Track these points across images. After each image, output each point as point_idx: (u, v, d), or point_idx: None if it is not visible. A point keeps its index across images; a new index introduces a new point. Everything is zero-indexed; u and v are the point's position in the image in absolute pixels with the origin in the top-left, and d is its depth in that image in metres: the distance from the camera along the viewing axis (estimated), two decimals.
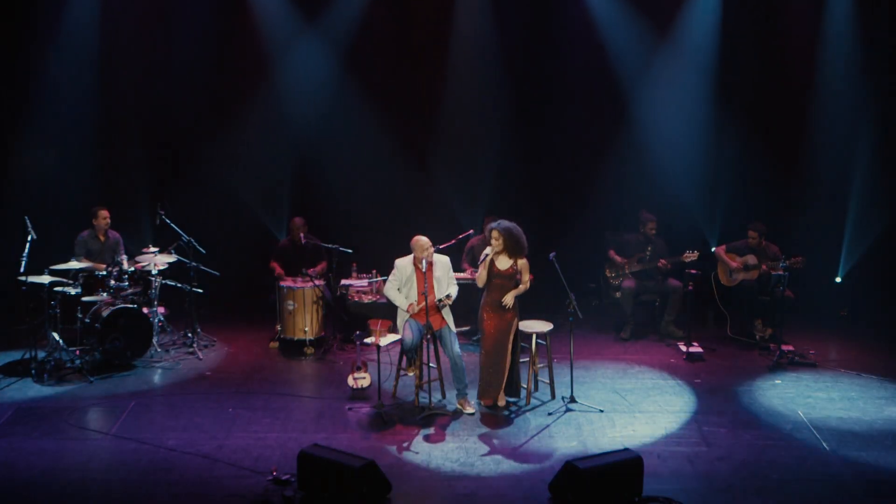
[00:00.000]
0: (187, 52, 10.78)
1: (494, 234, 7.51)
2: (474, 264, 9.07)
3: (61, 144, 10.84)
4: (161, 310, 9.50)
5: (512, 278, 7.57)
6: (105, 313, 8.52)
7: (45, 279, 8.42)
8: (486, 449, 6.91)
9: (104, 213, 9.32)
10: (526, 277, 7.64)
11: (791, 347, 9.09)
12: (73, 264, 8.78)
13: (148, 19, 10.76)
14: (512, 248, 7.51)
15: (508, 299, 7.50)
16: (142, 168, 11.01)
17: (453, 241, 9.05)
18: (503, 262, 7.55)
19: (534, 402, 7.84)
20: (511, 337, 7.63)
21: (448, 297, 7.61)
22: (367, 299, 9.52)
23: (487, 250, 7.51)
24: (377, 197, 11.26)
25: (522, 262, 7.58)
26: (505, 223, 7.58)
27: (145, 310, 8.97)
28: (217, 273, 9.67)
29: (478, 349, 8.00)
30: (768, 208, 10.69)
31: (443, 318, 7.68)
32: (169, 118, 11.05)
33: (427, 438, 7.12)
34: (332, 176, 11.19)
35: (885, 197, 10.66)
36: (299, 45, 10.98)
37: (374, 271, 9.70)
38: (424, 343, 7.77)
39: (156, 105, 11.02)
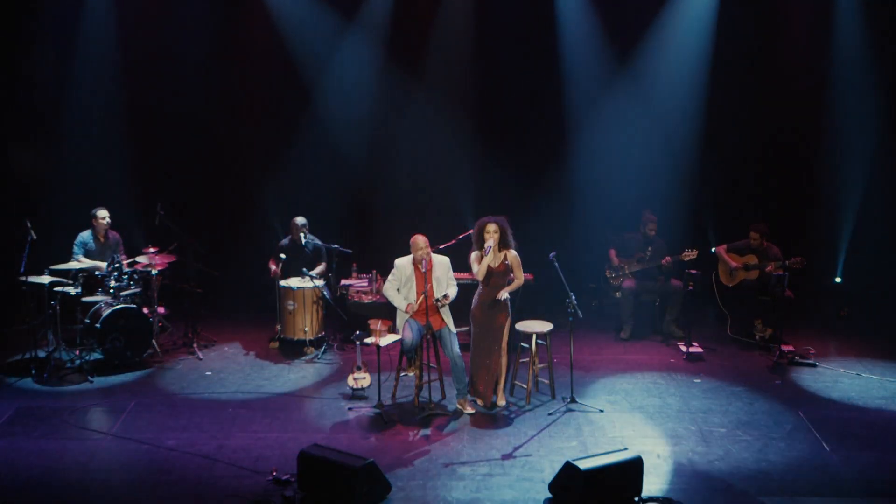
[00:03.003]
0: (187, 52, 10.77)
1: (492, 227, 7.53)
2: None
3: (62, 144, 10.83)
4: (161, 310, 9.50)
5: (504, 275, 7.61)
6: (105, 313, 8.52)
7: (45, 279, 8.43)
8: (486, 449, 6.91)
9: (104, 213, 9.32)
10: (519, 273, 7.66)
11: (791, 347, 9.10)
12: (73, 264, 8.79)
13: (150, 18, 10.75)
14: (505, 240, 7.58)
15: (503, 294, 7.56)
16: (142, 168, 11.01)
17: (453, 241, 9.06)
18: (495, 259, 7.58)
19: (534, 402, 7.85)
20: (505, 336, 7.65)
21: (445, 296, 7.60)
22: (367, 299, 9.52)
23: (490, 243, 7.52)
24: (377, 196, 11.26)
25: (513, 256, 7.62)
26: (496, 217, 7.63)
27: (145, 310, 8.97)
28: (217, 273, 9.66)
29: None
30: (769, 208, 10.69)
31: (442, 318, 7.69)
32: (169, 118, 11.04)
33: (427, 438, 7.13)
34: (333, 175, 11.19)
35: (885, 197, 10.66)
36: (298, 42, 10.99)
37: (374, 271, 9.70)
38: (424, 343, 7.77)
39: (156, 105, 11.01)
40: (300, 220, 9.73)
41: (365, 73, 11.04)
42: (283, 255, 9.43)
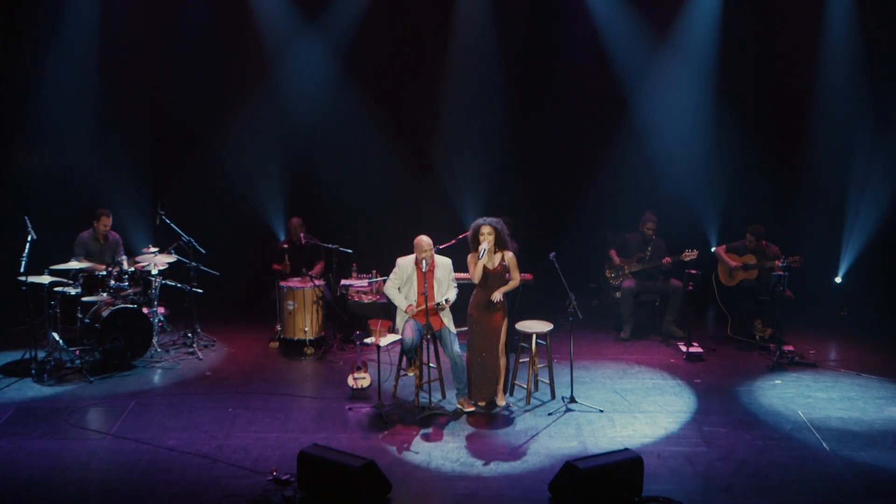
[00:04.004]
0: (187, 52, 10.77)
1: (487, 228, 7.50)
2: None
3: (61, 144, 10.83)
4: (161, 310, 9.50)
5: (501, 276, 7.60)
6: (105, 313, 8.52)
7: (45, 279, 8.43)
8: (486, 449, 6.91)
9: (106, 219, 9.30)
10: (516, 274, 7.66)
11: (791, 347, 9.09)
12: (73, 264, 8.78)
13: (148, 18, 10.75)
14: (501, 241, 7.55)
15: (497, 295, 7.53)
16: (142, 168, 11.01)
17: (454, 242, 9.05)
18: (491, 261, 7.58)
19: (534, 402, 7.85)
20: (502, 336, 7.65)
21: (446, 300, 7.61)
22: (367, 299, 9.52)
23: (485, 244, 7.51)
24: (378, 196, 11.26)
25: (510, 257, 7.60)
26: (490, 218, 7.61)
27: (145, 310, 8.97)
28: (217, 273, 9.67)
29: None
30: (769, 208, 10.69)
31: (442, 319, 7.69)
32: (169, 117, 11.05)
33: (427, 438, 7.13)
34: (333, 175, 11.19)
35: (885, 197, 10.66)
36: (300, 45, 10.99)
37: (374, 271, 9.69)
38: (424, 343, 7.77)
39: (155, 105, 11.02)
40: (295, 220, 9.73)
41: (333, 72, 11.07)
42: (310, 273, 9.37)
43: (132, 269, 9.02)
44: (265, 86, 11.11)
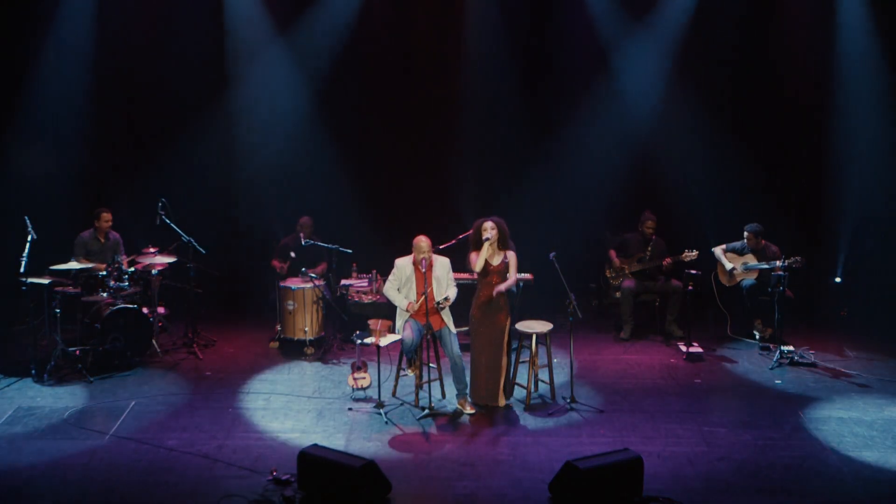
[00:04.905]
0: (184, 50, 10.75)
1: (489, 224, 7.59)
2: None
3: (61, 144, 10.83)
4: (161, 310, 9.49)
5: (503, 274, 7.65)
6: (105, 313, 8.53)
7: (46, 279, 8.43)
8: (486, 449, 6.91)
9: (106, 214, 9.32)
10: (513, 273, 7.70)
11: (791, 347, 9.09)
12: (73, 264, 8.79)
13: (145, 17, 10.74)
14: (503, 239, 7.64)
15: (501, 287, 7.61)
16: (142, 167, 11.00)
17: (453, 241, 9.05)
18: (494, 258, 7.60)
19: (534, 402, 7.84)
20: (505, 337, 7.65)
21: (446, 299, 7.62)
22: (367, 299, 9.52)
23: (489, 234, 7.54)
24: (377, 196, 11.26)
25: (512, 256, 7.66)
26: (493, 217, 7.67)
27: (145, 310, 8.97)
28: (217, 273, 9.66)
29: None
30: (768, 208, 10.68)
31: (442, 318, 7.69)
32: (168, 117, 11.03)
33: (427, 438, 7.13)
34: (333, 174, 11.18)
35: (885, 196, 10.65)
36: (297, 39, 10.99)
37: (374, 271, 9.70)
38: (424, 343, 7.77)
39: (154, 104, 11.00)
40: (305, 219, 9.74)
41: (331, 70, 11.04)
42: (292, 255, 9.43)
43: (132, 268, 9.03)
44: (266, 81, 11.11)
